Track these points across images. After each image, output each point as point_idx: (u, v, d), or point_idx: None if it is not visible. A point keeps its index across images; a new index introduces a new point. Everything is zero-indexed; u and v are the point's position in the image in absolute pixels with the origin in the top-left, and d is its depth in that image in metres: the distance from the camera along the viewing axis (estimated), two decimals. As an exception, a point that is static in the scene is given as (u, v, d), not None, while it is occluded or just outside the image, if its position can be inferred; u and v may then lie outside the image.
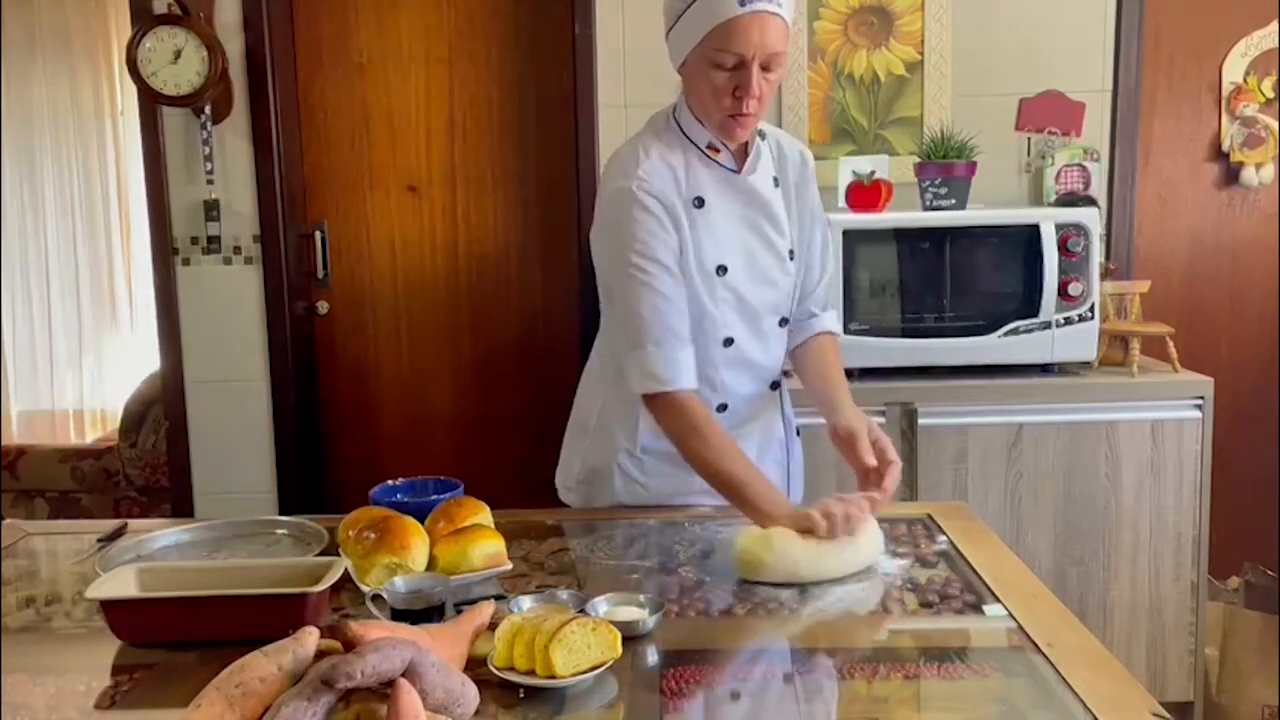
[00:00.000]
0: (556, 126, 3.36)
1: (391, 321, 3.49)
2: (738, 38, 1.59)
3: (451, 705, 1.04)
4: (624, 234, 1.70)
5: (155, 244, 3.30)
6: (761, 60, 1.62)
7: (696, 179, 1.74)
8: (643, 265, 1.69)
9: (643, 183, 1.69)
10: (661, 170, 1.71)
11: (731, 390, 1.82)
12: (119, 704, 1.17)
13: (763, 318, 1.81)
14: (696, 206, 1.73)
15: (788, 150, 1.85)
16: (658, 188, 1.70)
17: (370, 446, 3.53)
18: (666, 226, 1.70)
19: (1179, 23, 3.24)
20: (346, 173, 3.43)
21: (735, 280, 1.76)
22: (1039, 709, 1.16)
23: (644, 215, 1.69)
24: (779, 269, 1.81)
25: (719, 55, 1.61)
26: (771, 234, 1.79)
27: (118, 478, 4.08)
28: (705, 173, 1.74)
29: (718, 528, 1.71)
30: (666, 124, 1.78)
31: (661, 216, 1.69)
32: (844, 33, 3.16)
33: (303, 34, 3.37)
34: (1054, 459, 2.66)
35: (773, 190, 1.80)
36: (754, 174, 1.77)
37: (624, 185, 1.70)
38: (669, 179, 1.72)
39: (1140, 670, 2.69)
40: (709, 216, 1.74)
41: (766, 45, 1.60)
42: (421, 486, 1.75)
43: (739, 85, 1.63)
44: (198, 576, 1.37)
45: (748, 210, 1.77)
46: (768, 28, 1.60)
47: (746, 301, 1.78)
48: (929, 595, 1.42)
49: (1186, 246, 3.33)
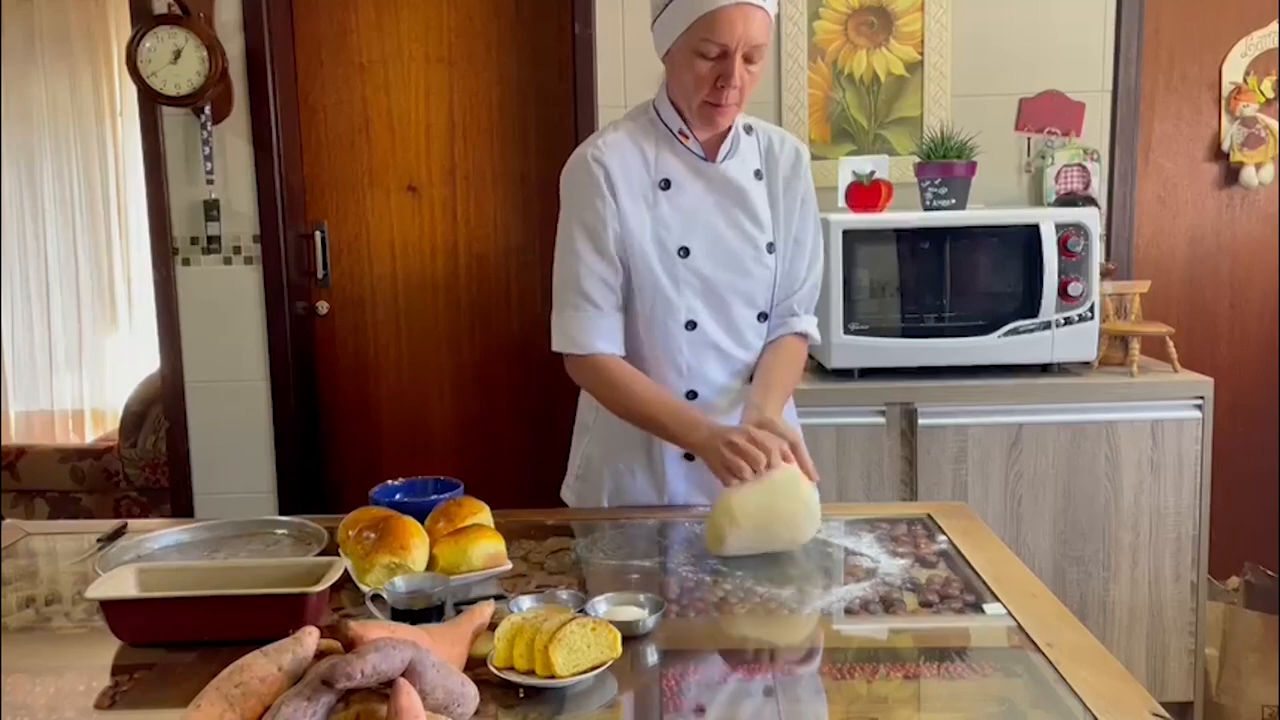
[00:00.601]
0: (556, 126, 3.36)
1: (391, 321, 3.49)
2: (722, 29, 1.64)
3: (451, 705, 1.04)
4: (567, 197, 1.81)
5: (155, 244, 3.31)
6: (744, 51, 1.66)
7: (665, 163, 1.79)
8: (572, 231, 1.79)
9: (597, 152, 1.77)
10: (625, 147, 1.78)
11: (699, 375, 1.83)
12: (119, 704, 1.17)
13: (732, 306, 1.82)
14: (663, 188, 1.78)
15: (779, 146, 1.86)
16: (610, 160, 1.76)
17: (370, 446, 3.53)
18: (604, 196, 1.75)
19: (1179, 23, 3.24)
20: (346, 173, 3.43)
21: (698, 263, 1.78)
22: (1039, 709, 1.16)
23: (586, 181, 1.77)
24: (753, 259, 1.81)
25: (703, 45, 1.66)
26: (745, 223, 1.81)
27: (118, 478, 4.08)
28: (675, 159, 1.79)
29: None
30: (644, 110, 1.84)
31: (602, 187, 1.75)
32: (844, 33, 3.16)
33: (303, 34, 3.37)
34: (1054, 459, 2.66)
35: (752, 181, 1.82)
36: (729, 162, 1.79)
37: (581, 152, 1.79)
38: (634, 157, 1.78)
39: (1140, 670, 2.69)
40: (675, 199, 1.78)
41: (750, 37, 1.65)
42: (421, 486, 1.75)
43: (721, 75, 1.67)
44: (198, 576, 1.37)
45: (719, 197, 1.80)
46: (751, 19, 1.64)
47: (712, 286, 1.80)
48: (929, 595, 1.42)
49: (1186, 246, 3.33)
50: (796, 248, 1.87)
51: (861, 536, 1.65)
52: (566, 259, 1.80)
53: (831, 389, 2.67)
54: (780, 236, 1.84)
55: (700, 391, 1.83)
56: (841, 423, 2.65)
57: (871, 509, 2.05)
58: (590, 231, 1.77)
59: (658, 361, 1.82)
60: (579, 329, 1.78)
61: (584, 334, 1.78)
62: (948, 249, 2.72)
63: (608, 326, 1.78)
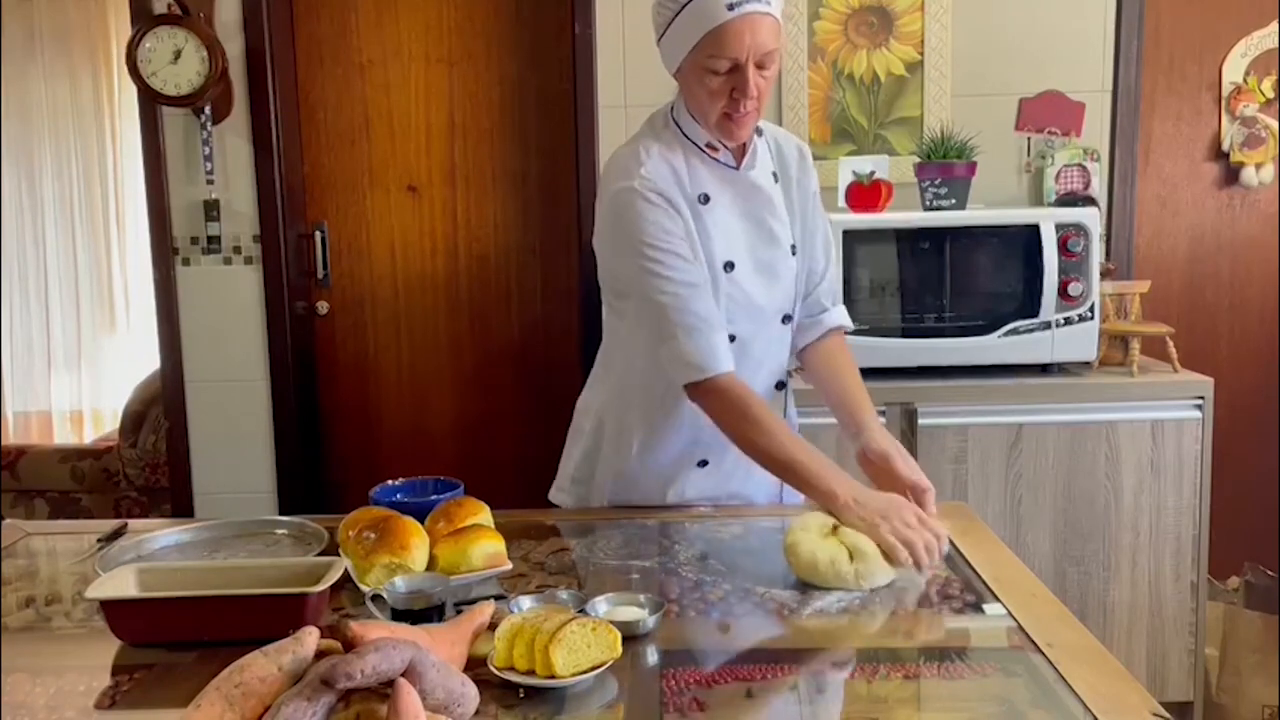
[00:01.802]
0: (556, 126, 3.36)
1: (391, 321, 3.49)
2: (730, 42, 1.59)
3: (451, 705, 1.04)
4: (633, 231, 1.69)
5: (155, 244, 3.31)
6: (756, 60, 1.62)
7: (699, 177, 1.74)
8: (657, 257, 1.68)
9: (646, 181, 1.69)
10: (663, 169, 1.72)
11: None
12: (119, 704, 1.17)
13: (766, 314, 1.81)
14: (702, 203, 1.73)
15: (785, 145, 1.85)
16: (661, 185, 1.70)
17: (370, 446, 3.53)
18: (674, 218, 1.70)
19: (1179, 23, 3.24)
20: (346, 173, 3.43)
21: (741, 276, 1.76)
22: (1039, 709, 1.16)
23: (650, 209, 1.68)
24: (783, 263, 1.81)
25: (712, 61, 1.61)
26: (775, 228, 1.79)
27: (118, 478, 4.08)
28: (706, 170, 1.75)
29: (717, 527, 1.71)
30: (665, 124, 1.77)
31: (668, 209, 1.69)
32: (844, 33, 3.16)
33: (303, 34, 3.37)
34: (1054, 459, 2.66)
35: (773, 185, 1.80)
36: (753, 169, 1.77)
37: (627, 185, 1.70)
38: (671, 178, 1.72)
39: (1140, 670, 2.69)
40: (714, 213, 1.74)
41: (759, 46, 1.60)
42: (421, 486, 1.75)
43: (735, 87, 1.63)
44: (198, 576, 1.37)
45: (750, 205, 1.77)
46: (759, 28, 1.59)
47: (753, 298, 1.78)
48: (929, 595, 1.42)
49: (1186, 246, 3.33)
50: (812, 241, 1.87)
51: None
52: (661, 285, 1.68)
53: (831, 389, 2.66)
54: (798, 235, 1.84)
55: None
56: (841, 423, 2.64)
57: (871, 509, 2.05)
58: (673, 258, 1.69)
59: None
60: (697, 352, 1.67)
61: (704, 355, 1.67)
62: (948, 249, 2.72)
63: (721, 341, 1.70)
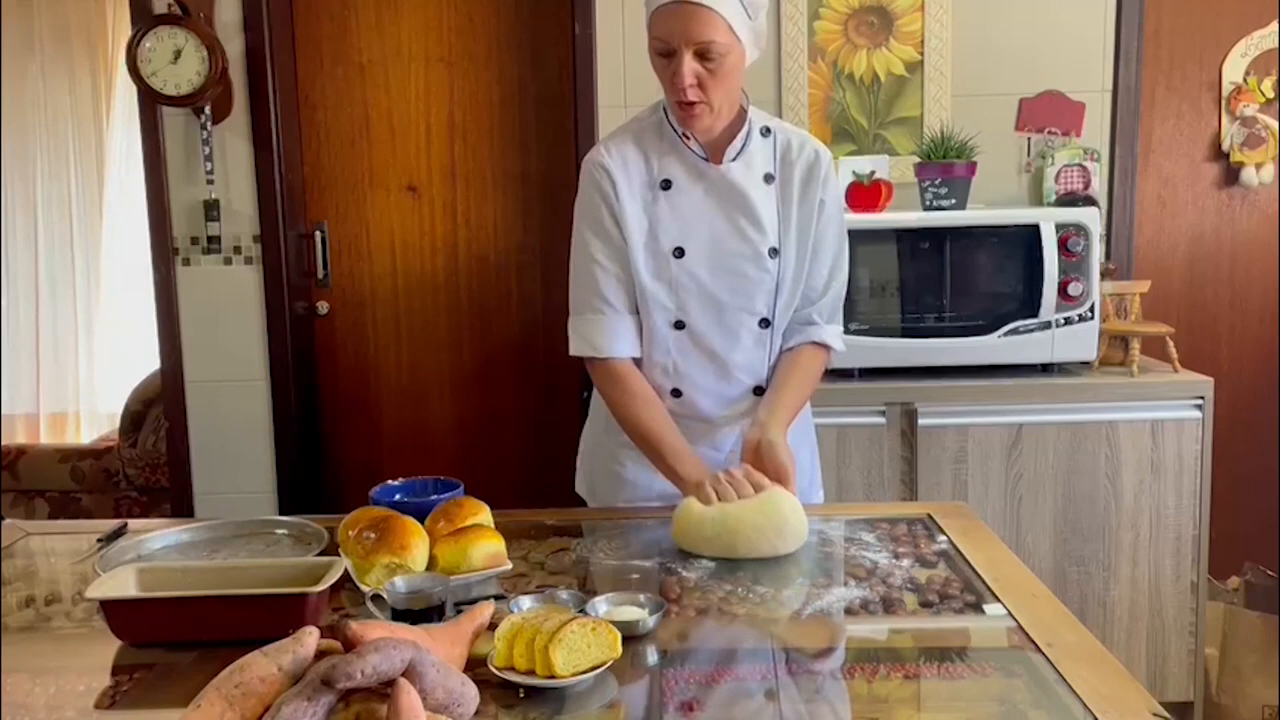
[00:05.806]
0: (556, 126, 3.36)
1: (391, 321, 3.49)
2: (662, 25, 1.67)
3: (451, 705, 1.04)
4: (577, 202, 1.83)
5: (155, 244, 3.30)
6: (694, 49, 1.65)
7: (668, 163, 1.79)
8: (584, 235, 1.80)
9: (601, 156, 1.80)
10: (629, 150, 1.79)
11: (686, 376, 1.83)
12: (119, 704, 1.17)
13: (727, 309, 1.81)
14: (664, 188, 1.79)
15: (797, 149, 1.83)
16: (612, 162, 1.78)
17: (370, 446, 3.53)
18: (608, 198, 1.77)
19: (1179, 23, 3.24)
20: (346, 173, 3.43)
21: (693, 264, 1.78)
22: (1039, 709, 1.16)
23: (589, 185, 1.80)
24: (752, 263, 1.79)
25: (654, 42, 1.70)
26: (746, 227, 1.79)
27: (118, 478, 4.08)
28: (678, 159, 1.80)
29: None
30: (654, 109, 1.84)
31: (605, 188, 1.77)
32: (844, 33, 3.16)
33: (303, 34, 3.37)
34: (1054, 459, 2.67)
35: (758, 185, 1.80)
36: (734, 165, 1.79)
37: (589, 157, 1.81)
38: (636, 157, 1.79)
39: (1140, 670, 2.69)
40: (675, 199, 1.78)
41: (691, 34, 1.64)
42: (421, 486, 1.75)
43: (673, 73, 1.68)
44: (198, 576, 1.37)
45: (720, 200, 1.79)
46: (693, 18, 1.63)
47: (706, 288, 1.79)
48: (929, 595, 1.42)
49: (1186, 246, 3.33)
50: (815, 255, 1.84)
51: (861, 536, 1.65)
52: (581, 263, 1.81)
53: (832, 389, 2.66)
54: (790, 242, 1.81)
55: (685, 390, 1.84)
56: (842, 422, 2.65)
57: (871, 509, 2.05)
58: (600, 234, 1.78)
59: (645, 358, 1.83)
60: (597, 333, 1.81)
61: (602, 337, 1.80)
62: (948, 249, 2.72)
63: (625, 328, 1.80)
